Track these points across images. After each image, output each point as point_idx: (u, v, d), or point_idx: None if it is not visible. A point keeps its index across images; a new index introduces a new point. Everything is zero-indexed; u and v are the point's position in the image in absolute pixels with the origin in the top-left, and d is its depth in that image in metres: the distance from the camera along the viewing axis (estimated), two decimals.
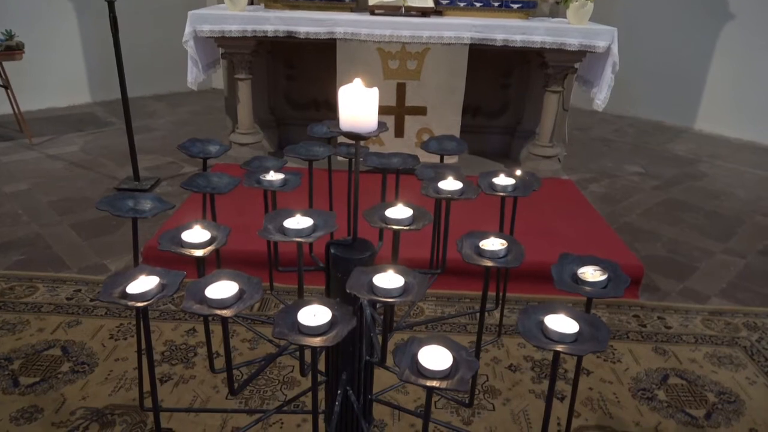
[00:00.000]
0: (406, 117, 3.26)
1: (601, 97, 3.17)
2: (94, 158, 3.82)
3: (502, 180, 1.09)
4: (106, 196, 0.94)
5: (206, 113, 5.08)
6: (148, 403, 1.53)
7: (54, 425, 1.63)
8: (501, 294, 1.18)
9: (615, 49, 3.05)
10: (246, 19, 3.06)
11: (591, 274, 0.80)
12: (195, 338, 2.04)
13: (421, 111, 3.24)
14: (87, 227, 2.85)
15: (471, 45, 3.08)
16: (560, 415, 1.76)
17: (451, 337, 0.70)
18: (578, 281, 0.82)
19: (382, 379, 1.62)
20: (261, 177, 1.07)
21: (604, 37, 3.05)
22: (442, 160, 1.25)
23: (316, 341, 0.69)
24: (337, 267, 0.91)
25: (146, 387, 1.56)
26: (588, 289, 0.78)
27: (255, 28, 3.07)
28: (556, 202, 3.05)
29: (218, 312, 0.71)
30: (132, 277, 0.77)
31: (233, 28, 3.06)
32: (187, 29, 3.06)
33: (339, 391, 0.90)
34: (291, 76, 3.81)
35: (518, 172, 1.11)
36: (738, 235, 3.12)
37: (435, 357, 0.70)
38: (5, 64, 3.87)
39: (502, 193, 1.07)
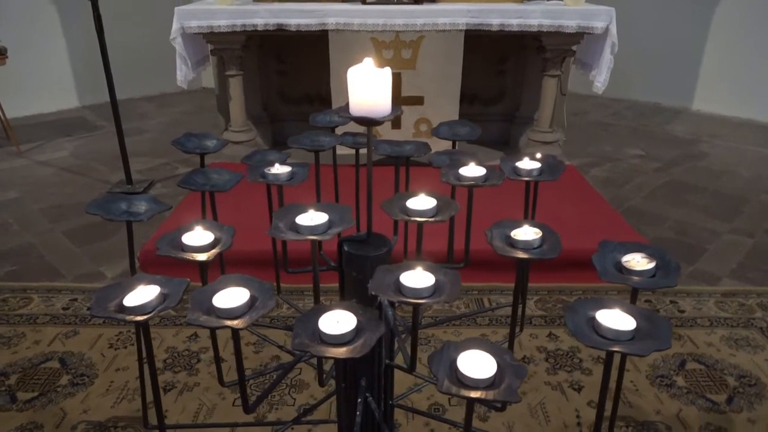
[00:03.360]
0: (403, 108, 3.18)
1: (600, 80, 3.11)
2: (85, 163, 3.73)
3: (527, 164, 1.01)
4: (95, 198, 0.87)
5: (198, 113, 4.99)
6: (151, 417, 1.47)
7: None
8: (523, 287, 1.11)
9: (613, 29, 2.98)
10: (235, 13, 2.98)
11: (637, 261, 0.73)
12: (197, 344, 1.98)
13: (418, 101, 3.17)
14: (80, 234, 2.77)
15: (466, 31, 3.01)
16: (578, 407, 1.71)
17: (462, 332, 0.63)
18: (623, 270, 0.75)
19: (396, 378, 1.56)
20: (266, 171, 0.99)
21: (601, 18, 2.98)
22: (454, 146, 1.18)
23: (342, 352, 0.62)
24: (351, 265, 0.83)
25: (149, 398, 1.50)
26: (636, 278, 0.71)
27: (244, 22, 2.98)
28: (559, 188, 2.98)
29: (228, 323, 0.63)
30: (129, 287, 0.69)
31: (222, 23, 2.98)
32: (174, 25, 2.98)
33: (359, 399, 0.83)
34: (283, 71, 3.73)
35: (539, 155, 1.05)
36: (744, 214, 3.07)
37: (476, 363, 0.62)
38: None
39: (527, 178, 0.99)
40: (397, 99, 3.16)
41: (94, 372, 1.84)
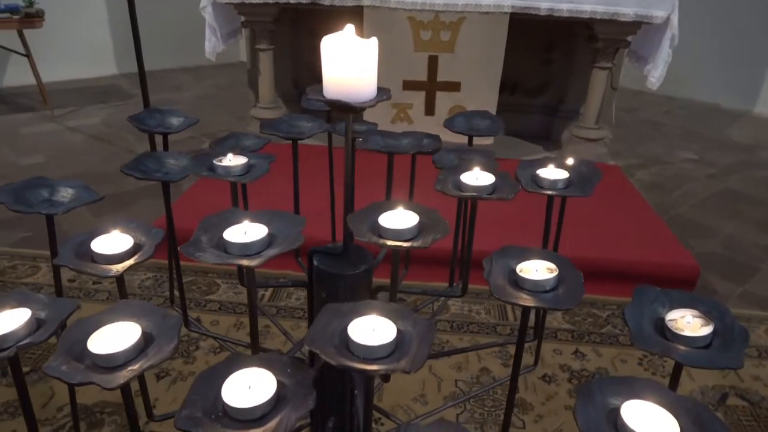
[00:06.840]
0: (438, 93, 3.00)
1: (656, 75, 2.85)
2: (114, 131, 3.69)
3: (551, 172, 0.81)
4: (7, 183, 0.75)
5: (232, 86, 4.91)
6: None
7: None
8: (539, 321, 0.94)
9: (675, 20, 2.71)
10: None
11: (688, 323, 0.53)
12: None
13: (454, 87, 2.98)
14: (100, 203, 2.70)
15: (511, 15, 2.80)
16: None
17: (479, 340, 0.46)
18: (666, 333, 0.55)
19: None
20: (216, 162, 0.82)
21: (662, 6, 2.72)
22: (470, 142, 0.99)
23: None
24: (321, 284, 0.68)
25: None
26: (683, 349, 0.50)
27: None
28: (600, 190, 2.72)
29: (96, 381, 0.47)
30: None
31: None
32: None
33: None
34: (315, 48, 3.57)
35: (570, 161, 0.86)
36: None
37: None
38: (26, 32, 3.75)
39: (550, 191, 0.79)
40: (433, 84, 2.98)
41: None
